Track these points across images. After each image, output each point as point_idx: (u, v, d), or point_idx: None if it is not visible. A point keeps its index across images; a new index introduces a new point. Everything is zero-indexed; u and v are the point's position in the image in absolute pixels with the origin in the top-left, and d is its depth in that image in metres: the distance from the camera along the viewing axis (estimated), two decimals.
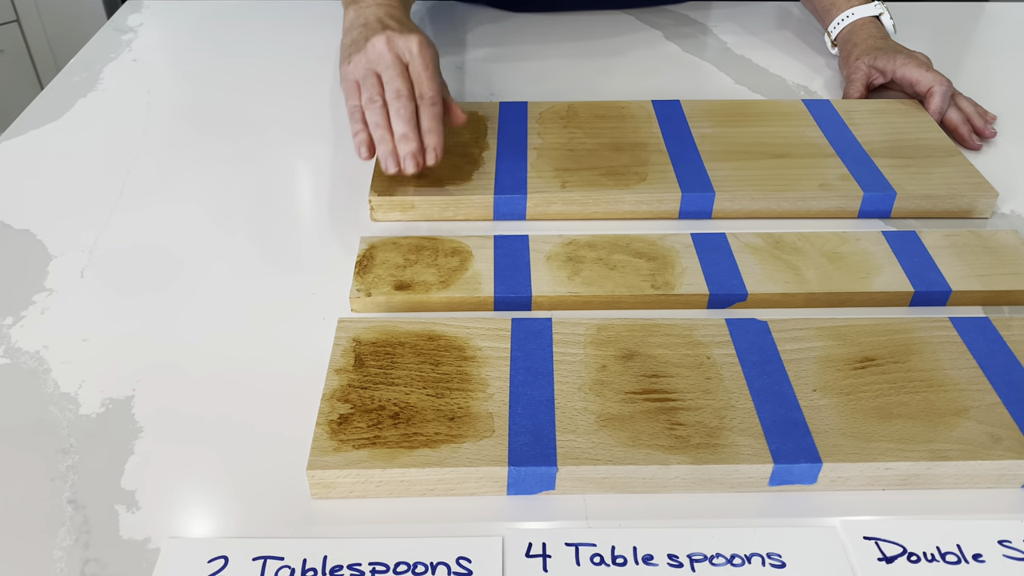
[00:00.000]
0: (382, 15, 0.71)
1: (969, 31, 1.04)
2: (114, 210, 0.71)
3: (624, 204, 0.70)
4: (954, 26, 1.05)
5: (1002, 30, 1.05)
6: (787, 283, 0.61)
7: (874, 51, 0.85)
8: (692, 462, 0.48)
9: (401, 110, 0.64)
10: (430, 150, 0.65)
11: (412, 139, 0.64)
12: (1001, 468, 0.48)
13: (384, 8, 0.72)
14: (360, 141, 0.65)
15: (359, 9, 0.73)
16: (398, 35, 0.66)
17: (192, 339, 0.59)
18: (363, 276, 0.62)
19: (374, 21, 0.70)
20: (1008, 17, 1.08)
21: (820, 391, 0.52)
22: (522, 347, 0.55)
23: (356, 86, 0.67)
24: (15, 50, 2.16)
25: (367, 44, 0.67)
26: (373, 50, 0.66)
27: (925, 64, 0.83)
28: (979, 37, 1.03)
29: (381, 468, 0.47)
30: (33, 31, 2.18)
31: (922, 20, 1.06)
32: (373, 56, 0.66)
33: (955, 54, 0.98)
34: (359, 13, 0.73)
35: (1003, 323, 0.57)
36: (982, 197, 0.70)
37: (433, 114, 0.65)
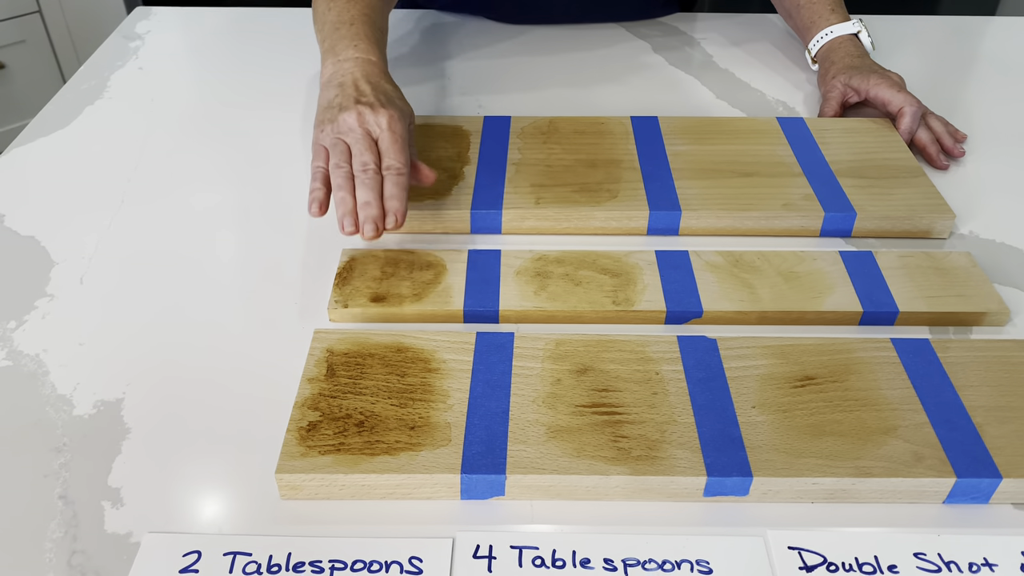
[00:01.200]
0: (359, 77, 0.72)
1: (954, 46, 1.06)
2: (114, 218, 0.75)
3: (595, 221, 0.73)
4: (942, 40, 1.07)
5: (987, 46, 1.07)
6: (741, 301, 0.65)
7: (850, 70, 0.88)
8: (631, 473, 0.51)
9: (367, 181, 0.65)
10: (390, 215, 0.65)
11: (374, 207, 0.64)
12: (922, 485, 0.51)
13: (361, 67, 0.73)
14: (314, 199, 0.66)
15: (337, 64, 0.74)
16: (369, 111, 0.68)
17: (180, 345, 0.63)
18: (342, 288, 0.66)
19: (350, 85, 0.71)
20: (994, 33, 1.09)
21: (759, 408, 0.55)
22: (484, 360, 0.58)
23: (324, 151, 0.68)
24: (37, 40, 2.21)
25: (339, 116, 0.68)
26: (344, 124, 0.68)
27: (898, 84, 0.85)
28: (964, 53, 1.05)
29: (344, 473, 0.51)
30: (54, 21, 2.23)
31: (911, 34, 1.08)
32: (344, 129, 0.68)
33: (937, 69, 1.00)
34: (337, 68, 0.74)
35: (942, 345, 0.60)
36: (939, 219, 0.73)
37: (397, 182, 0.66)
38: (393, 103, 0.70)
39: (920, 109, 0.83)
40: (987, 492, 0.51)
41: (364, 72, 0.73)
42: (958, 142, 0.84)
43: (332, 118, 0.69)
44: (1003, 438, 0.53)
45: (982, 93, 0.96)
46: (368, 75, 0.72)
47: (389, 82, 0.74)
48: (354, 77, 0.72)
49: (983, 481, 0.51)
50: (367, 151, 0.66)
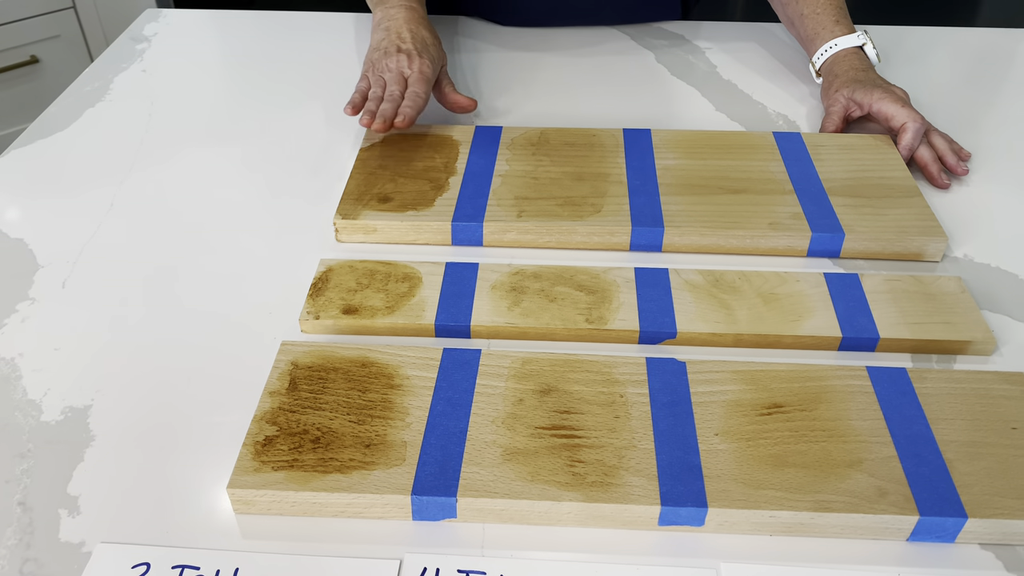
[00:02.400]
0: (402, 23, 0.88)
1: (981, 59, 1.03)
2: (102, 222, 0.76)
3: (576, 235, 0.72)
4: (971, 52, 1.04)
5: (994, 61, 1.04)
6: (717, 323, 0.63)
7: (853, 83, 0.86)
8: (584, 500, 0.50)
9: (390, 99, 0.81)
10: (400, 115, 0.79)
11: (390, 111, 0.79)
12: (884, 522, 0.50)
13: (405, 13, 0.89)
14: (351, 102, 0.81)
15: (385, 10, 0.90)
16: (406, 58, 0.84)
17: (153, 353, 0.63)
18: (315, 299, 0.66)
19: (394, 31, 0.87)
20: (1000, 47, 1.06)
21: (722, 435, 0.54)
22: (448, 377, 0.58)
23: (367, 79, 0.85)
24: (71, 35, 2.25)
25: (383, 60, 0.85)
26: (385, 66, 0.84)
27: (901, 100, 0.83)
28: (990, 66, 1.02)
29: (294, 490, 0.51)
30: (88, 16, 2.27)
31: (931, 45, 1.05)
32: (384, 69, 0.84)
33: (959, 82, 0.97)
34: (385, 14, 0.90)
35: (919, 375, 0.58)
36: (931, 241, 0.70)
37: (413, 101, 0.81)
38: (427, 51, 0.86)
39: (923, 125, 0.81)
40: (952, 531, 0.50)
41: (407, 18, 0.88)
42: (962, 160, 0.81)
43: (378, 59, 0.85)
44: (972, 475, 0.51)
45: (1000, 109, 0.93)
46: (409, 21, 0.88)
47: (427, 28, 0.89)
48: (398, 24, 0.88)
49: (948, 520, 0.49)
50: (395, 84, 0.83)
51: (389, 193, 0.75)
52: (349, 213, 0.73)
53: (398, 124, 0.78)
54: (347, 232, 0.73)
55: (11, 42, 2.10)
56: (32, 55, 2.15)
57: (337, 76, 0.99)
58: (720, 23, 1.09)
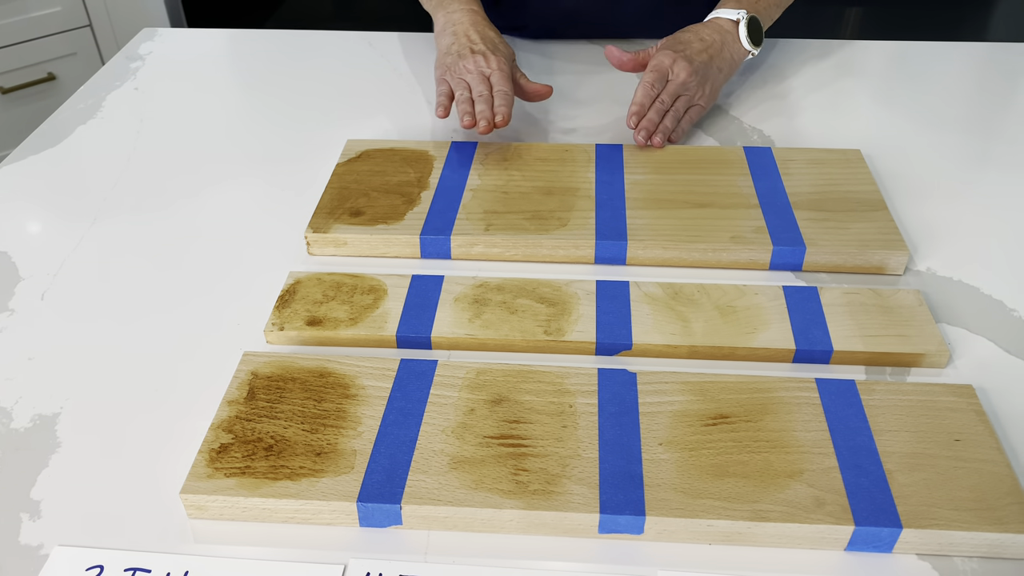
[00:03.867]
0: (468, 26, 0.91)
1: (988, 73, 1.04)
2: (84, 237, 0.78)
3: (542, 249, 0.74)
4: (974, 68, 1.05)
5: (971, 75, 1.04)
6: (672, 335, 0.64)
7: (671, 39, 0.90)
8: (525, 507, 0.51)
9: (482, 100, 0.84)
10: (498, 115, 0.82)
11: (488, 112, 0.83)
12: (820, 532, 0.50)
13: (468, 16, 0.92)
14: (440, 103, 0.86)
15: (447, 15, 0.94)
16: (483, 58, 0.87)
17: (123, 363, 0.65)
18: (281, 310, 0.67)
19: (462, 34, 0.91)
20: (989, 60, 1.07)
21: (666, 445, 0.55)
22: (403, 387, 0.59)
23: (447, 83, 0.88)
24: (87, 52, 2.30)
25: (459, 63, 0.88)
26: (463, 69, 0.88)
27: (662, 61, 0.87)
28: (998, 80, 1.02)
29: (244, 496, 0.52)
30: (104, 34, 2.32)
31: (940, 59, 1.06)
32: (463, 71, 0.87)
33: (962, 96, 0.98)
34: (448, 19, 0.94)
35: (867, 387, 0.59)
36: (893, 254, 0.71)
37: (504, 99, 0.84)
38: (498, 49, 0.89)
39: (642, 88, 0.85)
40: (888, 541, 0.50)
41: (471, 20, 0.92)
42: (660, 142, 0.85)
43: (452, 63, 0.88)
44: (911, 486, 0.52)
45: (988, 125, 0.93)
46: (474, 23, 0.92)
47: (491, 28, 0.93)
48: (464, 27, 0.91)
49: (883, 530, 0.50)
50: (481, 84, 0.85)
51: (361, 207, 0.77)
52: (320, 227, 0.75)
53: (499, 124, 0.82)
54: (318, 245, 0.75)
55: (29, 60, 2.16)
56: (49, 72, 2.20)
57: (323, 93, 1.01)
58: None
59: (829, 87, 1.00)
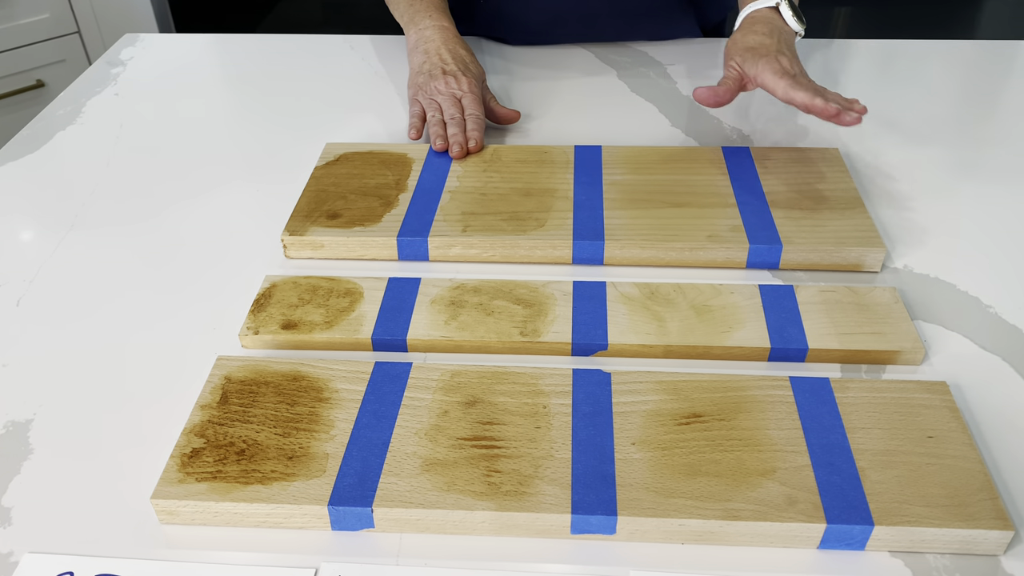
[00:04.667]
0: (439, 44, 0.93)
1: (978, 71, 1.04)
2: (61, 243, 0.78)
3: (519, 249, 0.74)
4: (965, 65, 1.05)
5: (1013, 72, 1.04)
6: (648, 335, 0.64)
7: (744, 52, 0.82)
8: (497, 509, 0.51)
9: (455, 124, 0.86)
10: (471, 140, 0.84)
11: (461, 136, 0.84)
12: (792, 530, 0.50)
13: (439, 34, 0.93)
14: (412, 125, 0.88)
15: (419, 32, 0.95)
16: (453, 79, 0.89)
17: (98, 368, 0.65)
18: (256, 314, 0.67)
19: (434, 53, 0.92)
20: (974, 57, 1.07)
21: (638, 445, 0.55)
22: (376, 390, 0.59)
23: (419, 103, 0.89)
24: (76, 59, 2.30)
25: (431, 83, 0.89)
26: (435, 89, 0.89)
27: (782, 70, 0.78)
28: (986, 78, 1.03)
29: (215, 501, 0.52)
30: (92, 41, 2.32)
31: (934, 57, 1.06)
32: (434, 92, 0.89)
33: (951, 95, 0.98)
34: (419, 36, 0.95)
35: (841, 385, 0.59)
36: (870, 252, 0.71)
37: (477, 124, 0.86)
38: (469, 69, 0.91)
39: (801, 85, 0.76)
40: (861, 539, 0.50)
41: (443, 38, 0.93)
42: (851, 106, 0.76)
43: (424, 83, 0.90)
44: (883, 483, 0.52)
45: (969, 124, 0.93)
46: (446, 40, 0.93)
47: (463, 46, 0.94)
48: (436, 45, 0.93)
49: (855, 528, 0.50)
50: (453, 107, 0.87)
51: (339, 210, 0.77)
52: (297, 230, 0.75)
53: (472, 149, 0.84)
54: (295, 248, 0.75)
55: (18, 67, 2.15)
56: (38, 79, 2.20)
57: (303, 97, 1.01)
58: (686, 40, 1.11)
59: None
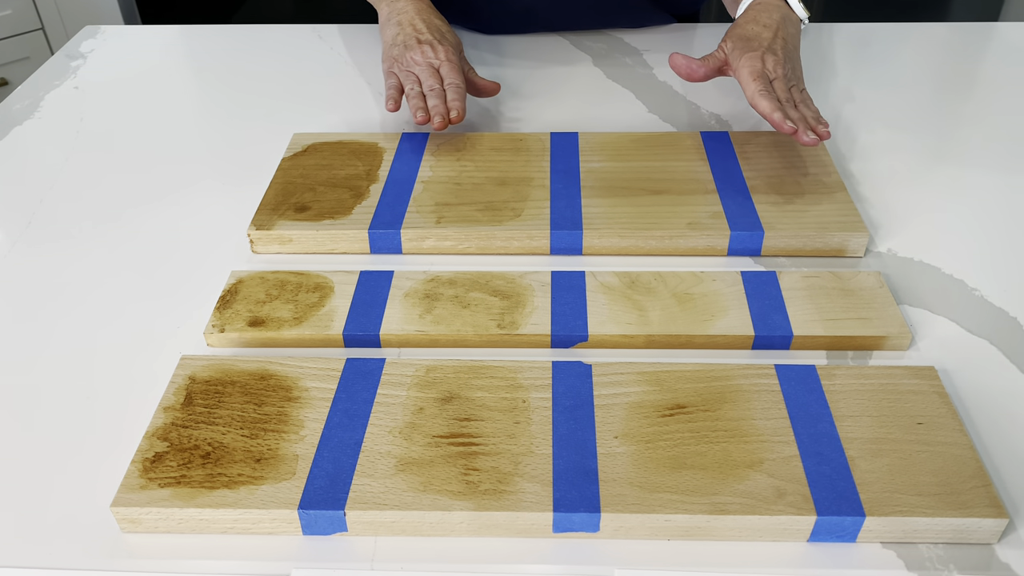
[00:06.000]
0: (413, 15, 0.88)
1: (950, 54, 1.03)
2: (17, 241, 0.75)
3: (496, 240, 0.71)
4: (939, 48, 1.04)
5: (985, 54, 1.03)
6: (628, 324, 0.62)
7: (737, 39, 0.79)
8: (475, 509, 0.49)
9: (434, 95, 0.82)
10: (453, 110, 0.80)
11: (441, 107, 0.80)
12: (782, 523, 0.49)
13: (412, 5, 0.89)
14: (389, 96, 0.83)
15: (391, 4, 0.91)
16: (430, 48, 0.85)
17: (55, 369, 0.62)
18: (222, 311, 0.64)
19: (407, 24, 0.88)
20: (992, 40, 1.06)
21: (621, 438, 0.53)
22: (348, 388, 0.57)
23: (395, 75, 0.85)
24: (40, 56, 2.25)
25: (406, 54, 0.85)
26: (411, 60, 0.85)
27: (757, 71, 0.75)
28: (955, 61, 1.02)
29: (180, 507, 0.50)
30: (57, 37, 2.26)
31: (909, 40, 1.05)
32: (411, 63, 0.85)
33: (924, 78, 0.97)
34: (392, 8, 0.90)
35: (828, 372, 0.57)
36: (853, 236, 0.70)
37: (457, 93, 0.82)
38: (445, 38, 0.87)
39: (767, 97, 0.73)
40: (852, 531, 0.49)
41: (416, 8, 0.89)
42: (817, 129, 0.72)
43: (399, 54, 0.85)
44: (873, 473, 0.50)
45: (948, 106, 0.92)
46: (419, 11, 0.89)
47: (438, 16, 0.90)
48: (409, 16, 0.88)
49: (846, 519, 0.48)
50: (431, 78, 0.83)
51: (307, 202, 0.74)
52: (264, 224, 0.72)
53: (454, 120, 0.79)
54: (262, 243, 0.72)
55: None
56: (1, 78, 2.15)
57: (270, 88, 0.98)
58: (662, 27, 1.09)
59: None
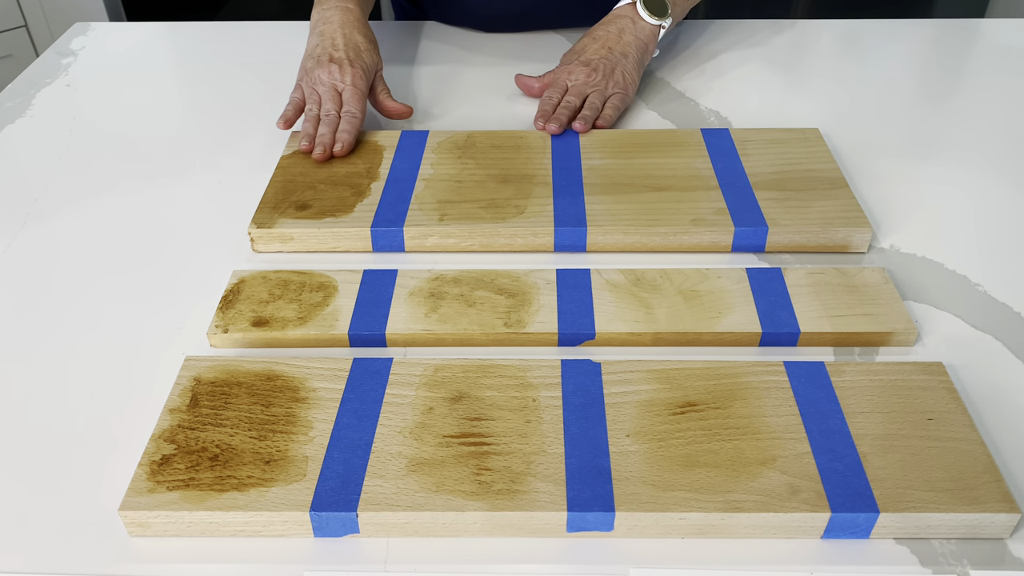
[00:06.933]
0: (336, 27, 0.86)
1: (936, 50, 1.03)
2: (14, 240, 0.74)
3: (499, 238, 0.71)
4: (925, 44, 1.04)
5: (973, 50, 1.04)
6: (636, 322, 0.62)
7: (569, 52, 0.92)
8: (489, 509, 0.49)
9: (328, 122, 0.81)
10: (339, 143, 0.79)
11: (328, 137, 0.79)
12: (796, 520, 0.49)
13: (340, 15, 0.87)
14: (284, 116, 0.82)
15: (321, 11, 0.89)
16: (337, 69, 0.83)
17: (55, 369, 0.61)
18: (225, 311, 0.64)
19: (328, 36, 0.86)
20: (978, 36, 1.06)
21: (633, 437, 0.53)
22: (356, 388, 0.56)
23: (301, 90, 0.85)
24: (23, 54, 2.22)
25: (315, 70, 0.84)
26: (317, 78, 0.84)
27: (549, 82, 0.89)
28: (943, 58, 1.02)
29: (189, 510, 0.49)
30: (40, 35, 2.24)
31: (896, 37, 1.05)
32: (316, 82, 0.84)
33: (912, 74, 0.97)
34: (320, 16, 0.89)
35: (837, 368, 0.57)
36: (857, 232, 0.70)
37: (351, 122, 0.80)
38: (360, 58, 0.85)
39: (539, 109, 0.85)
40: (866, 527, 0.49)
41: (341, 21, 0.87)
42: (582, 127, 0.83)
43: (311, 68, 0.84)
44: (886, 469, 0.50)
45: (942, 102, 0.93)
46: (344, 24, 0.86)
47: (362, 32, 0.87)
48: (332, 28, 0.86)
49: (860, 516, 0.48)
50: (331, 101, 0.82)
51: (308, 200, 0.74)
52: (264, 222, 0.71)
53: (337, 152, 0.78)
54: (263, 242, 0.71)
55: None
56: None
57: (265, 85, 0.97)
58: None
59: (783, 68, 0.99)
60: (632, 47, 0.89)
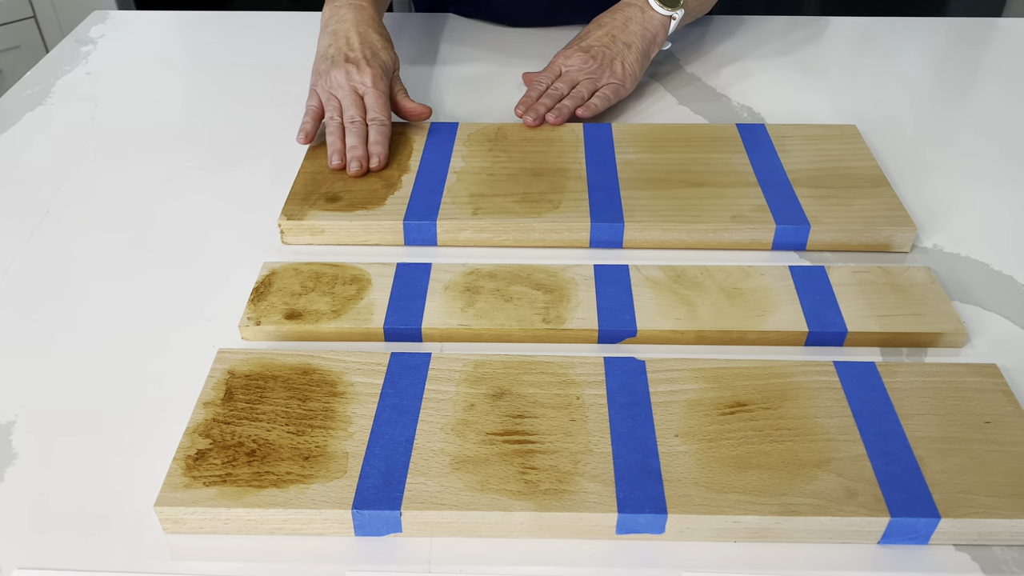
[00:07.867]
0: (349, 26, 0.81)
1: (955, 50, 1.02)
2: (36, 231, 0.72)
3: (534, 232, 0.69)
4: (944, 44, 1.03)
5: (988, 50, 1.02)
6: (678, 320, 0.61)
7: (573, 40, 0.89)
8: (536, 509, 0.47)
9: (354, 131, 0.75)
10: (374, 156, 0.74)
11: (360, 149, 0.74)
12: (853, 524, 0.47)
13: (353, 14, 0.82)
14: (303, 129, 0.76)
15: (333, 9, 0.84)
16: (355, 69, 0.77)
17: (83, 364, 0.60)
18: (257, 304, 0.62)
19: (341, 35, 0.80)
20: (996, 36, 1.05)
21: (682, 437, 0.51)
22: (395, 383, 0.55)
23: (317, 96, 0.79)
24: (32, 45, 2.21)
25: (331, 72, 0.78)
26: (334, 80, 0.78)
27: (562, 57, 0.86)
28: (964, 57, 1.00)
29: (227, 507, 0.47)
30: (49, 26, 2.22)
31: (914, 36, 1.04)
32: (334, 85, 0.78)
33: (934, 73, 0.96)
34: (332, 13, 0.83)
35: (888, 369, 0.55)
36: (900, 231, 0.68)
37: (380, 131, 0.75)
38: (377, 57, 0.79)
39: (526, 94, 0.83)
40: (925, 532, 0.47)
41: (355, 18, 0.81)
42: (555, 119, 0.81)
43: (325, 70, 0.78)
44: (945, 473, 0.49)
45: (972, 100, 0.91)
46: (358, 23, 0.81)
47: (377, 30, 0.82)
48: (346, 26, 0.81)
49: (920, 521, 0.47)
50: (353, 107, 0.76)
51: (338, 192, 0.72)
52: (295, 214, 0.70)
53: (374, 168, 0.74)
54: (293, 234, 0.70)
55: None
56: None
57: (288, 76, 0.95)
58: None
59: (808, 64, 0.98)
60: (637, 37, 0.87)
